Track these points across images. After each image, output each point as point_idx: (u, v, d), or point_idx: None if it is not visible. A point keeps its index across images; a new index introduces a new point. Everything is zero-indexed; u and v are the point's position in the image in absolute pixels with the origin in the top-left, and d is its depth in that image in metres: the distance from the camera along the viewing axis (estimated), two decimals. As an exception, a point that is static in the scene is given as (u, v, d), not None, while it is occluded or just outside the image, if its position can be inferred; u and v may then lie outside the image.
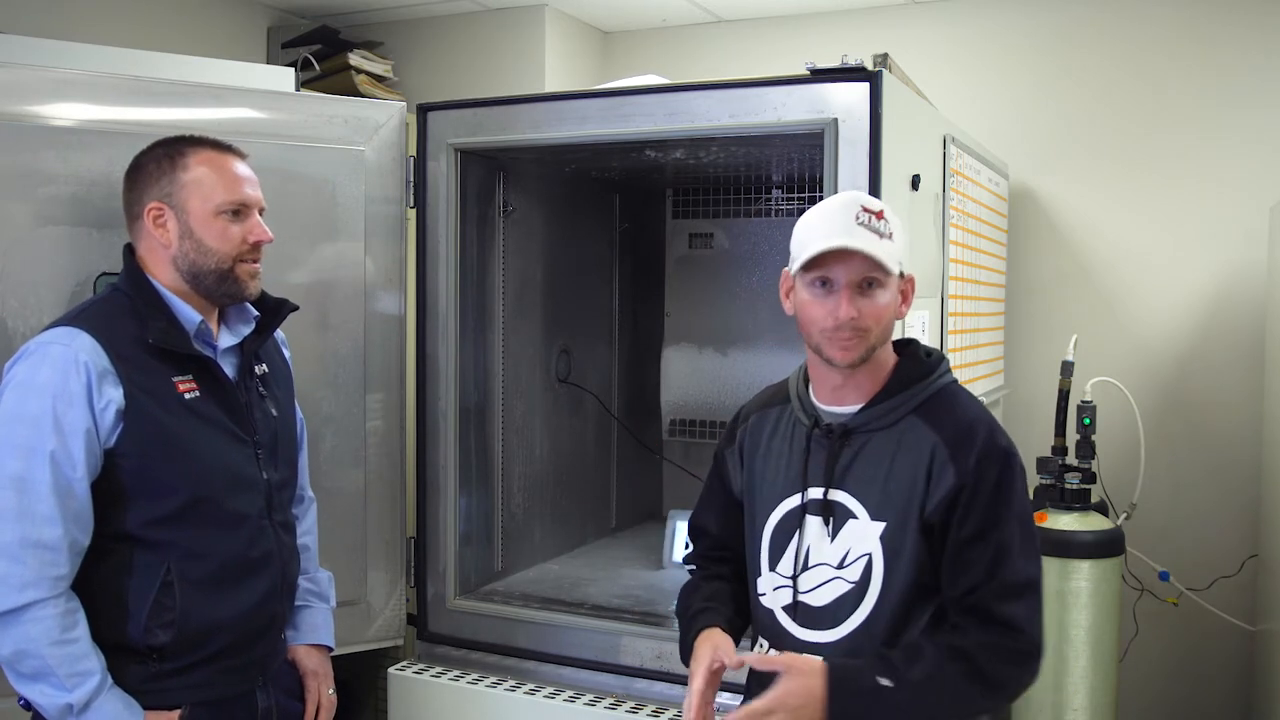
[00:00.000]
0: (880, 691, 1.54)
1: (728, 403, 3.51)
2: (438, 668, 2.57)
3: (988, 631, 1.59)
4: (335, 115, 2.48)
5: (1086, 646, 2.95)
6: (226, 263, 1.88)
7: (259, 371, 1.99)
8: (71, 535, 1.73)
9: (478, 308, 2.76)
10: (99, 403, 1.75)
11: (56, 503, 1.72)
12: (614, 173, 3.18)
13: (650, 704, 2.38)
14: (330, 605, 2.17)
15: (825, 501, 1.69)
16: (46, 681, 1.71)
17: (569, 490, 3.21)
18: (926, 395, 1.68)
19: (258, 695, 1.95)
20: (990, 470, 1.62)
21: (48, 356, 1.75)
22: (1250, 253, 3.47)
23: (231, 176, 1.89)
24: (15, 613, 1.70)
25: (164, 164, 1.87)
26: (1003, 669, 1.59)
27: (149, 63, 2.57)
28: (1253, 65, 3.48)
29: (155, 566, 1.80)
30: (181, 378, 1.84)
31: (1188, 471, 3.59)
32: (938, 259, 2.63)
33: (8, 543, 1.71)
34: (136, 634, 1.79)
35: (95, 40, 3.03)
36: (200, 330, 1.88)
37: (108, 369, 1.76)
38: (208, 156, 1.89)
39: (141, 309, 1.84)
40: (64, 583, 1.74)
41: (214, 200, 1.86)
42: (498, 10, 4.03)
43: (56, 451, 1.72)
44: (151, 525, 1.80)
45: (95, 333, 1.77)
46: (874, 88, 2.16)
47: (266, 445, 1.96)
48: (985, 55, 3.79)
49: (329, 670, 2.13)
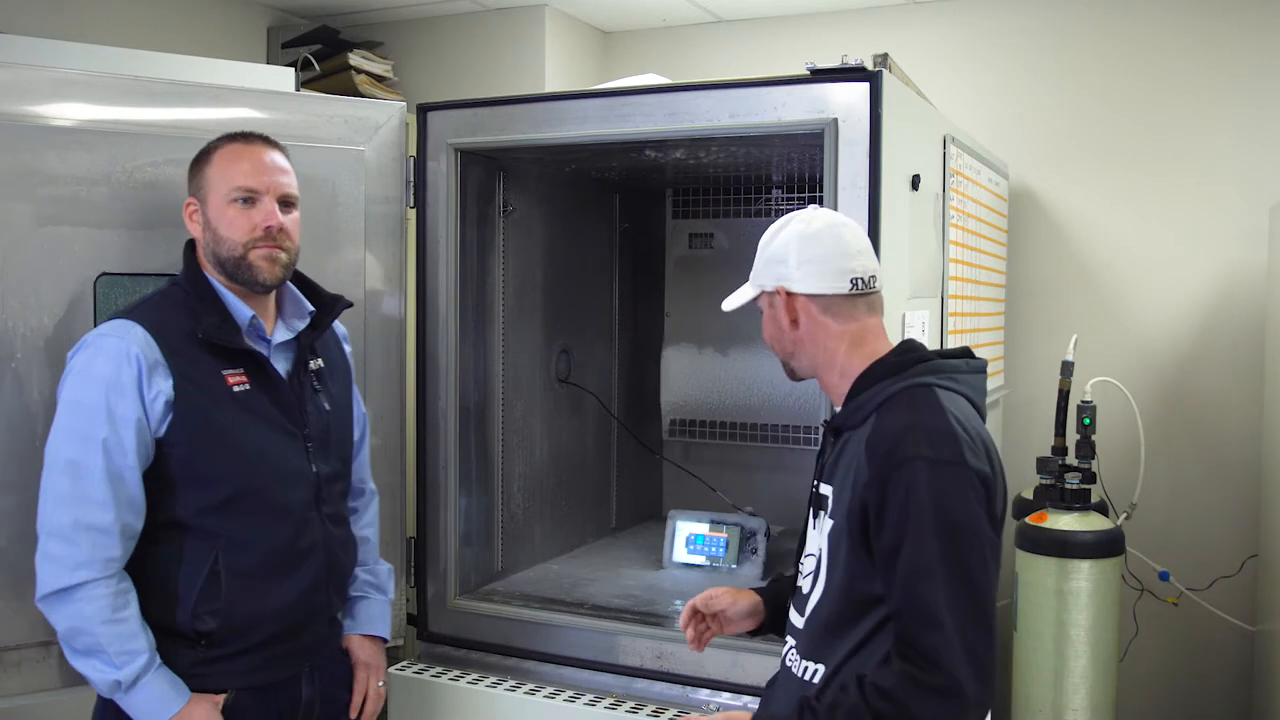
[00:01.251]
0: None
1: (728, 403, 3.51)
2: (438, 668, 2.57)
3: (908, 664, 1.50)
4: (335, 115, 2.47)
5: (1086, 646, 2.95)
6: (238, 250, 1.93)
7: (313, 366, 2.05)
8: (124, 519, 1.82)
9: (478, 308, 2.76)
10: (149, 393, 1.82)
11: (109, 488, 1.80)
12: (614, 173, 3.18)
13: (650, 704, 2.38)
14: (388, 598, 2.23)
15: (817, 494, 1.74)
16: (98, 658, 1.80)
17: (569, 490, 3.21)
18: (885, 396, 1.64)
19: (303, 683, 2.01)
20: (897, 483, 1.53)
21: (103, 348, 1.83)
22: (1250, 253, 3.47)
23: (244, 165, 1.94)
24: (69, 591, 1.79)
25: (199, 162, 1.97)
26: (926, 706, 1.48)
27: (149, 63, 2.57)
28: (1253, 65, 3.48)
29: (204, 555, 1.87)
30: (232, 371, 1.90)
31: (1188, 471, 3.59)
32: (938, 259, 2.63)
33: (62, 525, 1.80)
34: (185, 620, 1.86)
35: (95, 40, 3.03)
36: (252, 325, 1.95)
37: (159, 361, 1.83)
38: (228, 149, 1.96)
39: (195, 304, 1.92)
40: (116, 564, 1.82)
41: (223, 190, 1.93)
42: (498, 10, 4.03)
43: (109, 439, 1.80)
44: (200, 514, 1.87)
45: (149, 326, 1.85)
46: (874, 88, 2.16)
47: (317, 438, 2.01)
48: (985, 55, 3.79)
49: (381, 662, 2.19)
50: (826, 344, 1.71)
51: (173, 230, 2.22)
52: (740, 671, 2.31)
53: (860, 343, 1.70)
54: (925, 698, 1.48)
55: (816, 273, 1.69)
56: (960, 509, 1.53)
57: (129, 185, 2.18)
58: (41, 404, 2.08)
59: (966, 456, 1.55)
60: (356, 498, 2.21)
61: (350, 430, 2.16)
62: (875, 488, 1.55)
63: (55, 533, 1.81)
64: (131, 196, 2.18)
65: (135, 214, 2.19)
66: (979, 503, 1.55)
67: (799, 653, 1.71)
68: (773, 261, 1.73)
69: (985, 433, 1.65)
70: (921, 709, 1.48)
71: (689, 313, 3.58)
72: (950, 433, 1.56)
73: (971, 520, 1.53)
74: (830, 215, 1.76)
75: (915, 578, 1.50)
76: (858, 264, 1.70)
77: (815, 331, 1.71)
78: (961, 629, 1.48)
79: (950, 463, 1.53)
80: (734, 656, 2.31)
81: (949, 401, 1.61)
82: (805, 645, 1.70)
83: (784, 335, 1.74)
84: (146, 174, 2.20)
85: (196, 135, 2.25)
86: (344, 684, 2.12)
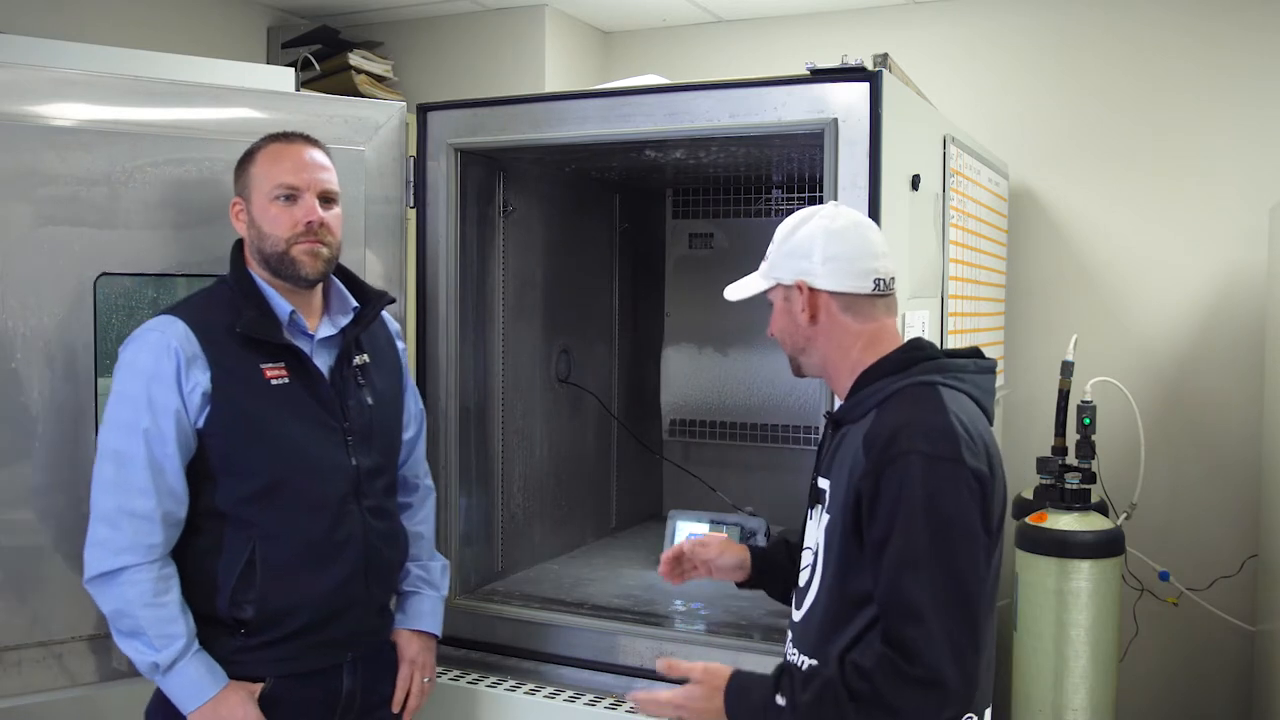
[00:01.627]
0: (769, 709, 1.57)
1: (728, 403, 3.51)
2: (437, 667, 2.57)
3: (887, 650, 1.50)
4: (335, 115, 2.47)
5: (1086, 646, 2.95)
6: (280, 245, 1.98)
7: (357, 361, 2.08)
8: (165, 507, 1.88)
9: (478, 308, 2.76)
10: (187, 385, 1.89)
11: (150, 476, 1.86)
12: (614, 173, 3.18)
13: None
14: (440, 594, 2.25)
15: (816, 488, 1.74)
16: (139, 640, 1.86)
17: (569, 490, 3.21)
18: (888, 393, 1.64)
19: (344, 673, 2.04)
20: (891, 476, 1.53)
21: (146, 342, 1.91)
22: (1250, 253, 3.47)
23: (285, 164, 1.99)
24: (112, 574, 1.86)
25: (244, 163, 2.03)
26: (903, 694, 1.49)
27: (149, 63, 2.57)
28: (1253, 65, 3.48)
29: (242, 545, 1.92)
30: (271, 365, 1.95)
31: (1188, 471, 3.59)
32: (938, 259, 2.63)
33: (107, 510, 1.87)
34: (224, 608, 1.92)
35: (95, 40, 3.03)
36: (292, 320, 1.99)
37: (197, 354, 1.90)
38: (270, 149, 2.01)
39: (239, 300, 1.98)
40: (158, 550, 1.88)
41: (264, 187, 1.98)
42: (498, 10, 4.03)
43: (150, 429, 1.87)
44: (238, 504, 1.93)
45: (190, 321, 1.92)
46: (874, 88, 2.16)
47: (359, 432, 2.04)
48: (985, 55, 3.79)
49: (429, 659, 2.21)
50: (843, 342, 1.71)
51: (172, 230, 2.23)
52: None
53: (876, 342, 1.71)
54: (903, 687, 1.48)
55: (841, 270, 1.69)
56: (952, 505, 1.53)
57: (129, 185, 2.18)
58: (41, 404, 2.09)
59: (964, 454, 1.54)
60: (411, 493, 2.24)
61: (397, 425, 2.18)
62: (869, 479, 1.55)
63: (101, 518, 1.88)
64: (131, 196, 2.18)
65: (135, 214, 2.19)
66: (973, 501, 1.55)
67: (796, 647, 1.72)
68: (794, 255, 1.71)
69: (988, 433, 1.65)
70: (898, 697, 1.49)
71: (689, 313, 3.58)
72: (949, 430, 1.56)
73: (963, 516, 1.53)
74: (854, 214, 1.77)
75: (901, 569, 1.51)
76: (881, 265, 1.71)
77: (833, 329, 1.71)
78: (945, 623, 1.48)
79: (946, 459, 1.53)
80: (734, 656, 2.31)
81: (951, 400, 1.61)
82: (802, 640, 1.71)
83: (798, 330, 1.73)
84: (146, 174, 2.20)
85: (196, 135, 2.26)
86: (389, 677, 2.14)
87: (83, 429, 2.13)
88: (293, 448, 1.95)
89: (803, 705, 1.54)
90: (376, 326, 2.16)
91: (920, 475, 1.52)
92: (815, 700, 1.54)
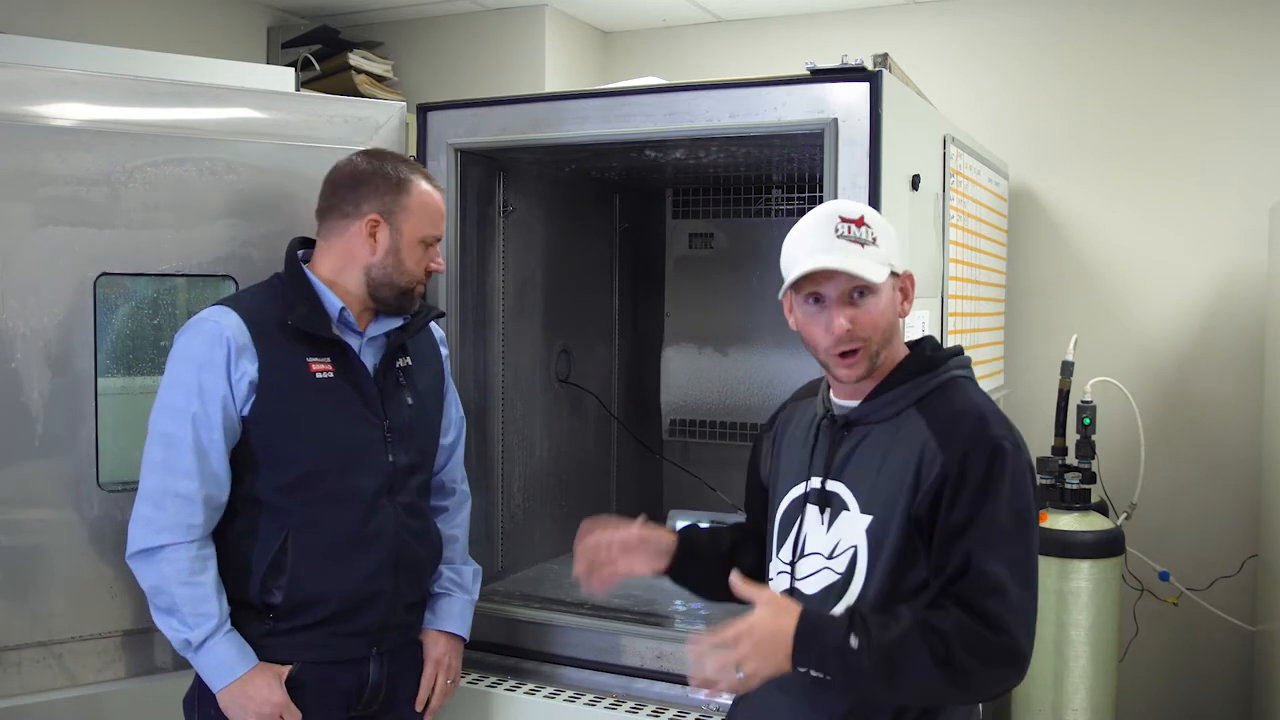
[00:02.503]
0: (845, 651, 1.53)
1: (728, 403, 3.51)
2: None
3: (968, 619, 1.54)
4: (335, 115, 2.47)
5: (1086, 646, 2.95)
6: (413, 284, 2.09)
7: (401, 363, 2.13)
8: (207, 490, 1.94)
9: (478, 308, 2.76)
10: (235, 374, 1.94)
11: (195, 460, 1.93)
12: (614, 173, 3.18)
13: (650, 704, 2.37)
14: (471, 597, 2.29)
15: (823, 491, 1.71)
16: (175, 616, 1.93)
17: (569, 490, 3.21)
18: (927, 389, 1.67)
19: (370, 665, 2.08)
20: (978, 460, 1.58)
21: (200, 331, 1.97)
22: (1250, 253, 3.47)
23: (438, 212, 2.11)
24: (153, 551, 1.93)
25: (390, 181, 2.06)
26: (975, 662, 1.53)
27: (149, 63, 2.57)
28: (1253, 65, 3.48)
29: (277, 531, 1.97)
30: (318, 359, 2.01)
31: (1188, 471, 3.59)
32: (938, 259, 2.63)
33: (152, 489, 1.94)
34: (256, 592, 1.98)
35: (95, 40, 3.03)
36: (341, 316, 2.05)
37: (247, 345, 1.95)
38: (427, 190, 2.09)
39: (291, 295, 2.03)
40: (198, 530, 1.94)
41: (423, 230, 2.07)
42: (498, 10, 4.03)
43: (198, 414, 1.93)
44: (276, 492, 1.98)
45: (242, 312, 1.98)
46: (874, 88, 2.16)
47: (398, 430, 2.09)
48: (985, 55, 3.79)
49: (455, 660, 2.25)
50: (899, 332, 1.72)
51: (172, 230, 2.23)
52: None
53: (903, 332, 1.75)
54: (987, 654, 1.54)
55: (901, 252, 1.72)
56: (1028, 492, 1.62)
57: (129, 185, 2.18)
58: (41, 404, 2.09)
59: (1023, 446, 1.64)
60: (448, 497, 2.29)
61: (436, 427, 2.23)
62: (954, 467, 1.59)
63: (146, 497, 1.94)
64: (131, 196, 2.18)
65: (135, 214, 2.19)
66: (1034, 490, 1.64)
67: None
68: (893, 245, 1.67)
69: None
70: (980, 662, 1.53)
71: (689, 313, 3.58)
72: (1010, 422, 1.66)
73: (1032, 503, 1.63)
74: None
75: (986, 548, 1.56)
76: None
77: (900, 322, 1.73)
78: (1023, 598, 1.56)
79: (1021, 448, 1.63)
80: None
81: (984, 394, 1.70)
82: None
83: (896, 319, 1.69)
84: (146, 174, 2.20)
85: (196, 135, 2.26)
86: (414, 674, 2.18)
87: (82, 429, 2.13)
88: (332, 440, 2.01)
89: (878, 649, 1.52)
90: (423, 334, 2.21)
91: (1005, 462, 1.59)
92: (892, 651, 1.53)
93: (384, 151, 2.13)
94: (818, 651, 1.55)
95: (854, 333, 1.62)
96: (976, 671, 1.54)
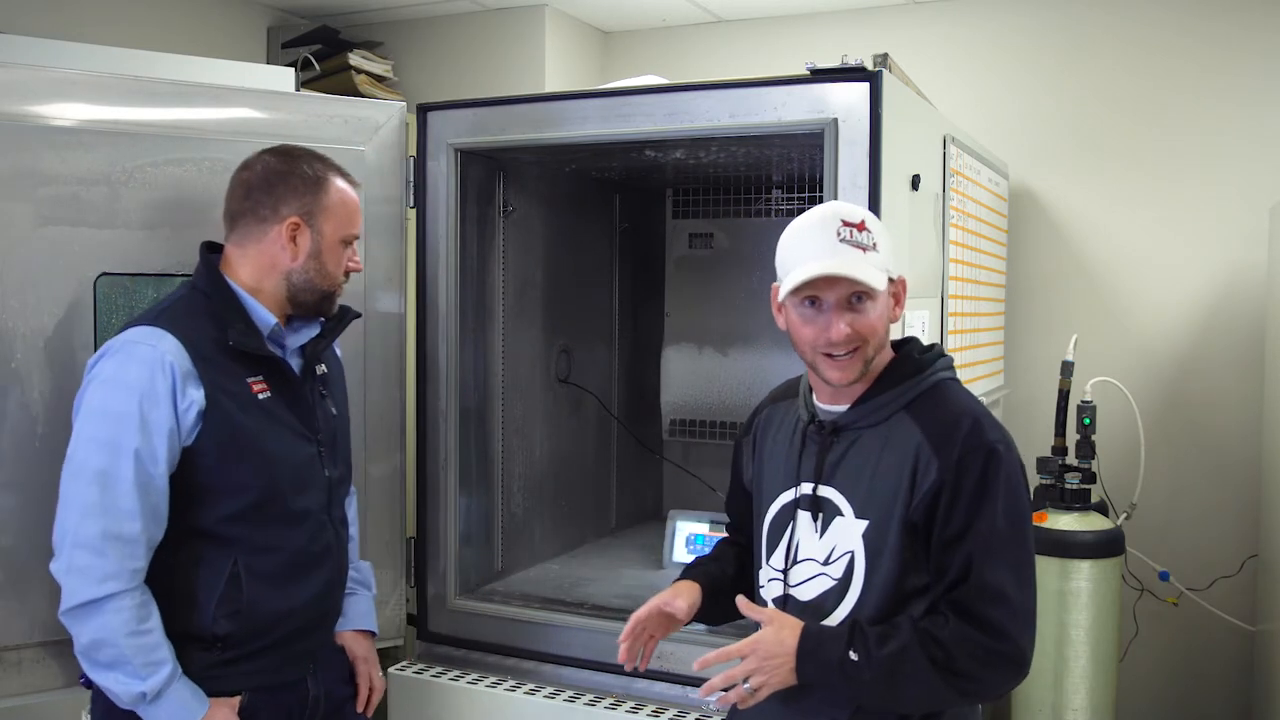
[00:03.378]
0: (845, 664, 1.57)
1: (728, 403, 3.51)
2: (438, 668, 2.57)
3: (968, 628, 1.57)
4: (335, 115, 2.47)
5: (1086, 646, 2.95)
6: (335, 286, 2.00)
7: (319, 372, 2.06)
8: (149, 530, 1.81)
9: (478, 308, 2.76)
10: (182, 403, 1.81)
11: (138, 498, 1.78)
12: (614, 173, 3.18)
13: (650, 704, 2.37)
14: (373, 593, 2.26)
15: (814, 497, 1.71)
16: (122, 670, 1.78)
17: (569, 490, 3.21)
18: (917, 392, 1.67)
19: (309, 682, 2.03)
20: (973, 465, 1.59)
21: (134, 356, 1.80)
22: (1250, 253, 3.47)
23: (356, 209, 2.02)
24: (96, 603, 1.76)
25: (308, 181, 1.95)
26: (976, 667, 1.56)
27: (149, 63, 2.57)
28: (1253, 65, 3.48)
29: (223, 560, 1.87)
30: (254, 378, 1.91)
31: (1188, 471, 3.59)
32: (938, 259, 2.63)
33: (90, 536, 1.76)
34: (203, 623, 1.86)
35: (95, 40, 3.03)
36: (274, 332, 1.95)
37: (190, 370, 1.82)
38: (343, 188, 2.00)
39: (219, 309, 1.90)
40: (140, 575, 1.80)
41: (344, 230, 1.99)
42: (498, 10, 4.03)
43: (141, 449, 1.78)
44: (223, 521, 1.87)
45: (179, 334, 1.83)
46: (874, 88, 2.16)
47: (328, 443, 2.03)
48: (985, 55, 3.79)
49: (375, 655, 2.22)
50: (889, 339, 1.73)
51: (172, 230, 2.23)
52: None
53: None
54: (990, 660, 1.56)
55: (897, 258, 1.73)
56: (1023, 494, 1.63)
57: (129, 185, 2.18)
58: (42, 404, 2.08)
59: (1013, 444, 1.65)
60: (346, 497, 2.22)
61: (349, 435, 2.18)
62: (950, 474, 1.59)
63: (83, 544, 1.77)
64: (131, 196, 2.18)
65: (135, 214, 2.19)
66: (1027, 491, 1.66)
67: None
68: (886, 250, 1.67)
69: None
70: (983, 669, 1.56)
71: (689, 313, 3.58)
72: (999, 423, 1.67)
73: (1027, 503, 1.65)
74: None
75: (986, 554, 1.57)
76: None
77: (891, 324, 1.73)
78: (1024, 603, 1.58)
79: (1013, 449, 1.64)
80: (734, 656, 2.31)
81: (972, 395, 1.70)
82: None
83: (886, 327, 1.69)
84: (146, 174, 2.20)
85: (196, 135, 2.26)
86: (342, 679, 2.14)
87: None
88: (279, 462, 1.92)
89: (878, 661, 1.56)
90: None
91: (999, 466, 1.60)
92: (891, 663, 1.56)
93: (295, 148, 2.00)
94: (819, 666, 1.59)
95: (852, 338, 1.63)
96: (980, 677, 1.57)
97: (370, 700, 2.17)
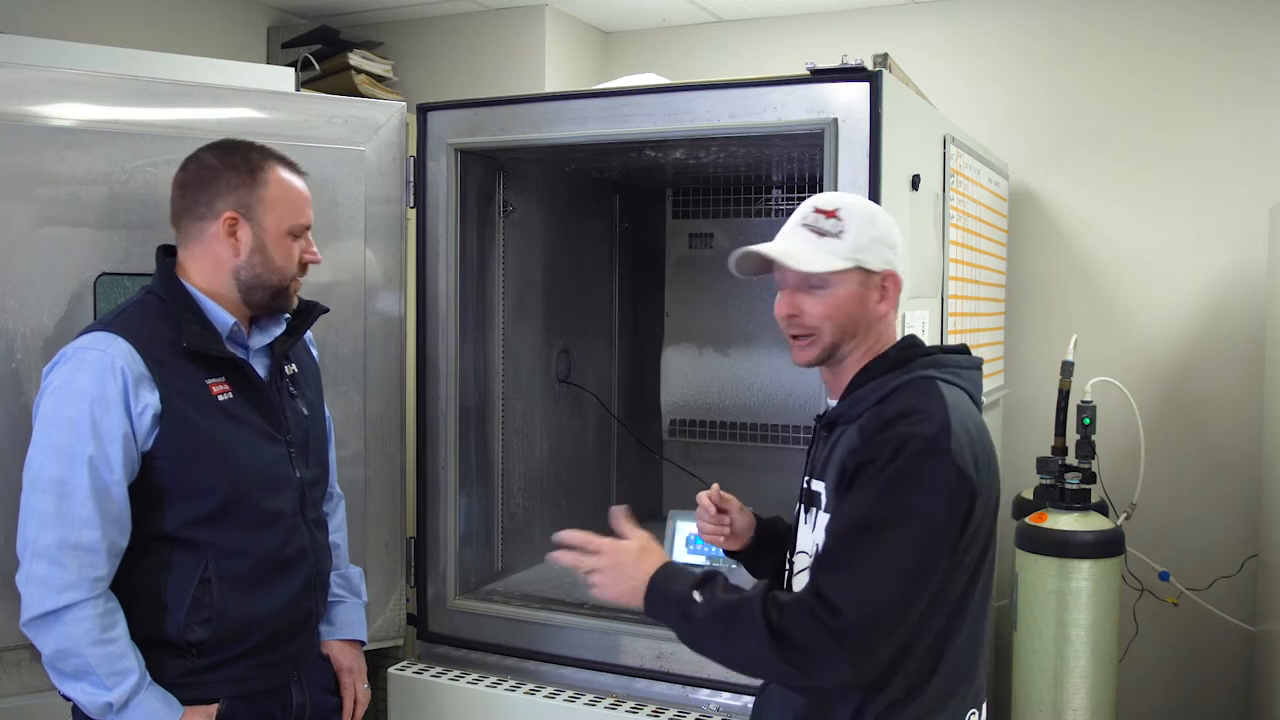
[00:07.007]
0: (685, 601, 1.59)
1: (728, 403, 3.51)
2: (438, 668, 2.57)
3: (811, 598, 1.51)
4: (335, 115, 2.48)
5: (1086, 646, 2.95)
6: (287, 281, 1.94)
7: (289, 371, 2.03)
8: (110, 537, 1.77)
9: (478, 308, 2.76)
10: (136, 407, 1.78)
11: (95, 506, 1.75)
12: (614, 173, 3.18)
13: (650, 704, 2.38)
14: (362, 600, 2.22)
15: (809, 491, 1.74)
16: (87, 680, 1.74)
17: (569, 490, 3.21)
18: (890, 389, 1.64)
19: (292, 690, 1.99)
20: (881, 452, 1.54)
21: (85, 362, 1.77)
22: (1250, 253, 3.47)
23: (301, 198, 1.95)
24: (56, 614, 1.73)
25: (242, 173, 1.89)
26: (805, 639, 1.49)
27: (149, 63, 2.57)
28: (1253, 65, 3.48)
29: (193, 565, 1.84)
30: (214, 379, 1.87)
31: (1188, 471, 3.59)
32: (938, 259, 2.63)
33: (47, 546, 1.74)
34: (175, 630, 1.83)
35: (95, 40, 3.03)
36: (233, 332, 1.91)
37: (144, 374, 1.79)
38: (283, 176, 1.93)
39: (174, 312, 1.87)
40: (103, 584, 1.77)
41: (288, 221, 1.91)
42: (498, 10, 4.03)
43: (95, 456, 1.75)
44: (189, 525, 1.84)
45: (131, 338, 1.80)
46: (874, 88, 2.16)
47: (298, 444, 1.99)
48: (985, 55, 3.79)
49: (363, 665, 2.18)
50: (882, 332, 1.71)
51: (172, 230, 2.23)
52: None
53: (893, 332, 1.74)
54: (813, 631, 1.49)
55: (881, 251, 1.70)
56: (920, 493, 1.52)
57: (129, 185, 2.18)
58: (41, 404, 2.08)
59: (952, 448, 1.54)
60: (327, 502, 2.17)
61: (326, 434, 2.15)
62: (860, 455, 1.56)
63: (41, 554, 1.74)
64: (131, 196, 2.18)
65: (135, 214, 2.19)
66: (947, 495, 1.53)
67: None
68: (882, 244, 1.67)
69: (983, 429, 1.64)
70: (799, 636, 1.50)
71: (689, 313, 3.58)
72: (945, 425, 1.55)
73: (928, 505, 1.52)
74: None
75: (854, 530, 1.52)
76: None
77: (888, 318, 1.72)
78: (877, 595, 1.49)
79: (936, 452, 1.53)
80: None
81: (950, 394, 1.62)
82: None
83: (863, 317, 1.67)
84: (146, 174, 2.20)
85: (196, 135, 2.24)
86: (327, 688, 2.10)
87: (83, 429, 2.12)
88: (244, 464, 1.88)
89: (716, 606, 1.56)
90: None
91: (906, 459, 1.52)
92: (728, 609, 1.55)
93: (234, 141, 1.94)
94: (664, 597, 1.62)
95: (801, 320, 1.66)
96: (808, 650, 1.49)
97: (355, 714, 2.14)
